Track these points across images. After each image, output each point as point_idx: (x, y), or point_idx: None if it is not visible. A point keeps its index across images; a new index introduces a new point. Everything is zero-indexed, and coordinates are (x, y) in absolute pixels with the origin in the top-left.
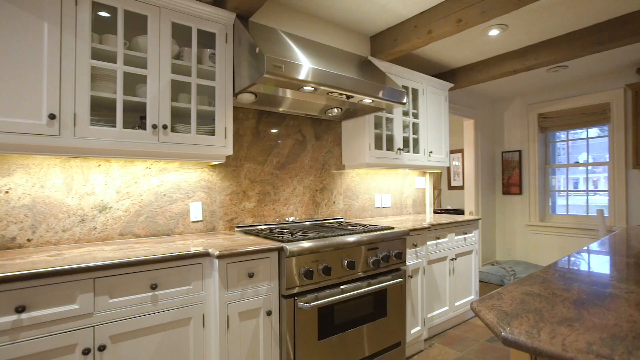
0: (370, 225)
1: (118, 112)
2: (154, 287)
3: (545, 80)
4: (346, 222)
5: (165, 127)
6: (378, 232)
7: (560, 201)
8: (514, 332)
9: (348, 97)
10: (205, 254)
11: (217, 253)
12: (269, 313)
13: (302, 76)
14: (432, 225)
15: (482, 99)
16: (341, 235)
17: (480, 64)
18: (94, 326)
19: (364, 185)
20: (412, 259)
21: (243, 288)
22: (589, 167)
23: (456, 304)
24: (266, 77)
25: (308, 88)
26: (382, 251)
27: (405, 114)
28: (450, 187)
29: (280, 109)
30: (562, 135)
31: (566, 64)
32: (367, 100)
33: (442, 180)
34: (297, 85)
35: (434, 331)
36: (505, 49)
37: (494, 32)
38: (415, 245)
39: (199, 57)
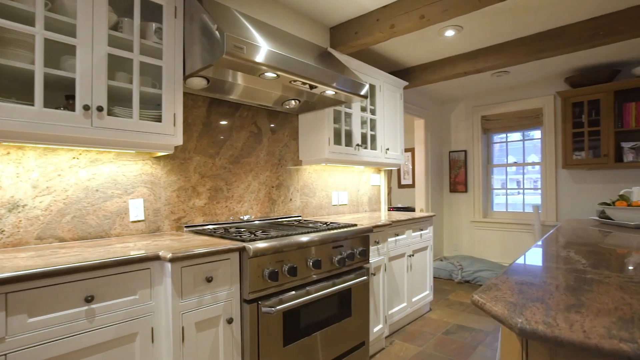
0: (332, 222)
1: (37, 88)
2: (89, 300)
3: (488, 84)
4: (305, 220)
5: (100, 109)
6: (343, 230)
7: (500, 199)
8: (530, 322)
9: (311, 87)
10: (155, 258)
11: (169, 255)
12: (229, 321)
13: (265, 61)
14: (393, 222)
15: (432, 100)
16: (305, 233)
17: (434, 64)
18: (5, 354)
19: (321, 182)
20: (374, 257)
21: (200, 294)
22: (525, 167)
23: (413, 299)
24: (226, 58)
25: (270, 74)
26: (346, 249)
27: (363, 109)
28: (400, 186)
29: (234, 97)
30: (502, 136)
31: (508, 70)
32: (330, 92)
33: (393, 178)
34: (259, 71)
35: (393, 328)
36: (458, 51)
37: (449, 33)
38: (377, 243)
39: (142, 30)
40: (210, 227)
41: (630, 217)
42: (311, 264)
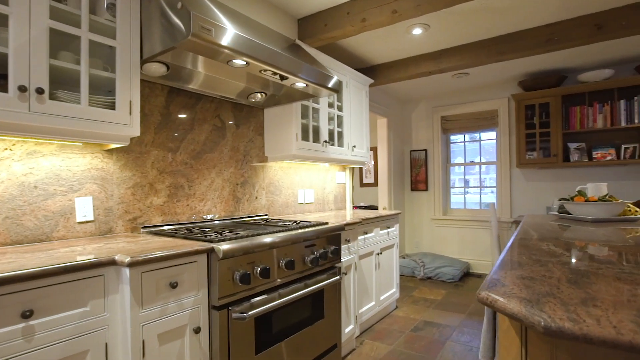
0: (302, 221)
1: None
2: (27, 316)
3: (448, 86)
4: (273, 219)
5: (40, 91)
6: (315, 228)
7: (458, 198)
8: (554, 319)
9: (282, 78)
10: (110, 263)
11: (128, 260)
12: (197, 330)
13: (235, 46)
14: (363, 219)
15: (394, 99)
16: (277, 232)
17: (399, 63)
18: None
19: (287, 179)
20: (345, 255)
21: (164, 302)
22: (481, 166)
23: (381, 298)
24: (192, 40)
25: (240, 62)
26: (319, 248)
27: (331, 105)
28: (362, 185)
29: (195, 87)
30: (459, 137)
31: (468, 72)
32: (301, 85)
33: (355, 177)
34: (228, 57)
35: (362, 327)
36: (423, 51)
37: (417, 31)
38: (348, 241)
39: (92, 5)
40: (171, 227)
41: (587, 211)
42: (284, 264)
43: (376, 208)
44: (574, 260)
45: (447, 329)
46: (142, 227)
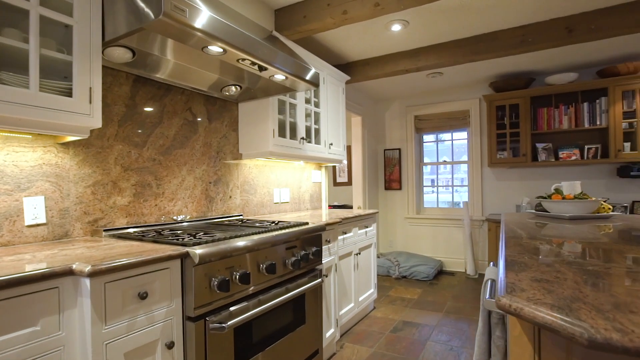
0: (280, 221)
1: None
2: None
3: (422, 85)
4: (249, 220)
5: None
6: (296, 229)
7: (431, 197)
8: (598, 330)
9: (261, 68)
10: (66, 273)
11: (88, 269)
12: (170, 345)
13: (212, 31)
14: (343, 219)
15: (368, 98)
16: (256, 233)
17: (376, 60)
18: None
19: (263, 178)
20: (326, 257)
21: (131, 316)
22: (453, 166)
23: (360, 299)
24: (163, 21)
25: (216, 48)
26: (300, 250)
27: (308, 101)
28: (335, 184)
29: (163, 77)
30: (432, 136)
31: (442, 71)
32: (280, 77)
33: (328, 176)
34: (202, 43)
35: (342, 330)
36: (400, 48)
37: (396, 28)
38: (328, 242)
39: None
40: (137, 230)
41: (565, 209)
42: (264, 268)
43: (350, 207)
44: (577, 260)
45: (426, 328)
46: (105, 230)
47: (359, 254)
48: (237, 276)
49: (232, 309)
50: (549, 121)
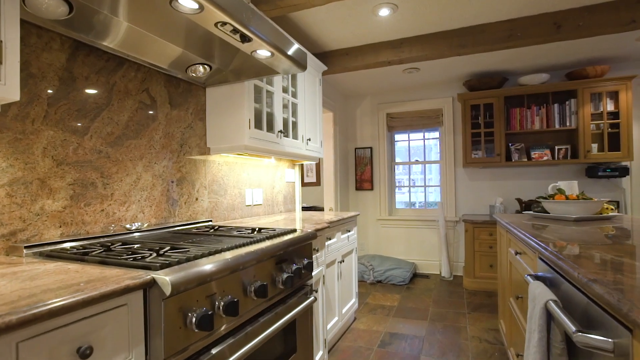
0: (262, 228)
1: None
2: None
3: (395, 82)
4: (222, 227)
5: None
6: (286, 238)
7: (403, 197)
8: None
9: (244, 38)
10: None
11: None
12: None
13: None
14: (330, 223)
15: (339, 93)
16: (241, 246)
17: (356, 50)
18: None
19: (233, 176)
20: (315, 268)
21: None
22: (425, 165)
23: (343, 311)
24: None
25: (190, 2)
26: (291, 264)
27: (285, 90)
28: (303, 184)
29: (113, 45)
30: (404, 135)
31: (419, 67)
32: (265, 53)
33: None
34: None
35: (328, 347)
36: (384, 38)
37: (384, 12)
38: (316, 250)
39: None
40: (77, 244)
41: (570, 210)
42: (253, 291)
43: (321, 209)
44: (606, 255)
45: (416, 340)
46: (27, 247)
47: (343, 261)
48: (222, 306)
49: (214, 351)
50: (521, 121)
